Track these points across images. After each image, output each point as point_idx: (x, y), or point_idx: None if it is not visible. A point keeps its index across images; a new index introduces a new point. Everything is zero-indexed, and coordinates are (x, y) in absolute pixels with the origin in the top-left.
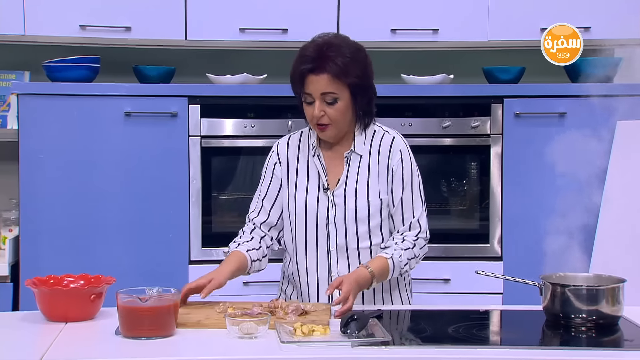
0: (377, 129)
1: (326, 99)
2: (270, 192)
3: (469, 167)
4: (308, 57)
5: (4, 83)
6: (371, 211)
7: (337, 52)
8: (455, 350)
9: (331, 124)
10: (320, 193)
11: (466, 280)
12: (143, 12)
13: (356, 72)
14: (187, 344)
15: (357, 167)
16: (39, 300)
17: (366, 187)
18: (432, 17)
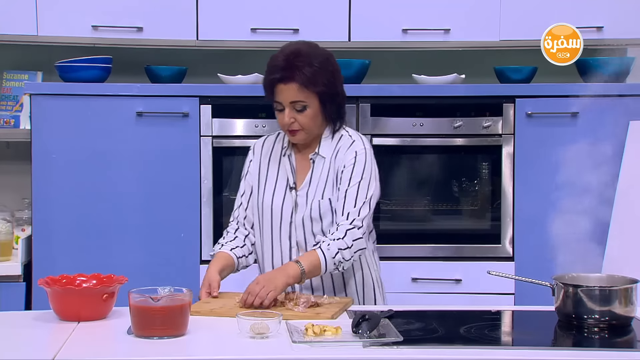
0: (343, 134)
1: (295, 106)
2: (246, 188)
3: (481, 167)
4: (277, 67)
5: (17, 83)
6: (322, 210)
7: (305, 61)
8: (467, 351)
9: (302, 129)
10: (287, 192)
11: (478, 281)
12: (155, 13)
13: (324, 80)
14: (198, 344)
15: (320, 169)
16: (51, 299)
17: (323, 188)
18: (443, 16)
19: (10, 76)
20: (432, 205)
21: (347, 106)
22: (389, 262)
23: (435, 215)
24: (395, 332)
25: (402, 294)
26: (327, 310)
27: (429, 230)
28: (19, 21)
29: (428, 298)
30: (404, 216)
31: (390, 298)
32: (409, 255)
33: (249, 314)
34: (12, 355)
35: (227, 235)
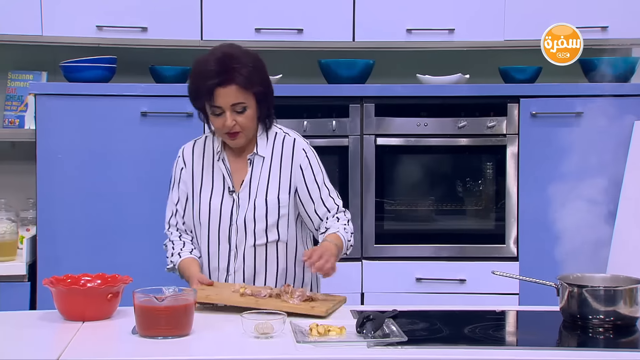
0: (277, 131)
1: (236, 108)
2: (181, 197)
3: (485, 167)
4: (213, 71)
5: (22, 83)
6: (269, 209)
7: (240, 63)
8: (471, 351)
9: (241, 131)
10: (225, 195)
11: (482, 281)
12: (159, 13)
13: (259, 80)
14: (203, 344)
15: (259, 169)
16: (56, 299)
17: (266, 187)
18: (447, 16)
19: (15, 76)
20: (436, 205)
21: (351, 106)
22: (393, 262)
23: (440, 215)
24: (399, 332)
25: (406, 294)
26: (322, 305)
27: (433, 230)
28: (23, 21)
29: (432, 298)
30: (408, 216)
31: (394, 298)
32: (413, 255)
33: (252, 315)
34: (17, 355)
35: (175, 244)
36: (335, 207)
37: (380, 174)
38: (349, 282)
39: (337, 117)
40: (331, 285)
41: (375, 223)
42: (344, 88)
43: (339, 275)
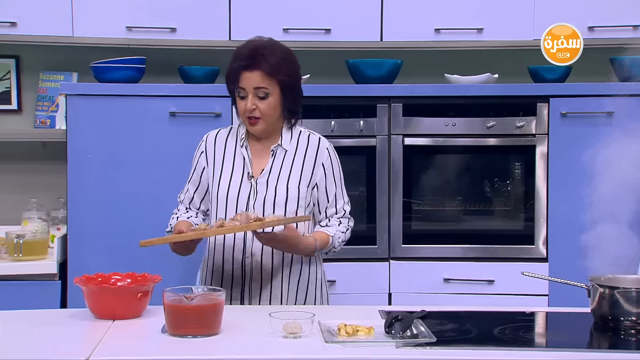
0: (302, 130)
1: (258, 93)
2: (194, 177)
3: (513, 167)
4: (243, 55)
5: (53, 84)
6: (289, 197)
7: (270, 52)
8: (501, 352)
9: (261, 118)
10: (244, 180)
11: (511, 282)
12: (188, 14)
13: (286, 71)
14: (232, 343)
15: (281, 160)
16: (87, 297)
17: (287, 177)
18: (476, 16)
19: (47, 77)
20: (464, 206)
21: (379, 106)
22: (421, 262)
23: (467, 216)
24: (428, 333)
25: (434, 295)
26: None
27: (461, 230)
28: (54, 23)
29: (460, 299)
30: (436, 216)
31: (422, 298)
32: (440, 256)
33: (281, 314)
34: (49, 353)
35: (179, 213)
36: (342, 212)
37: (407, 174)
38: (377, 282)
39: (365, 117)
40: (358, 284)
41: (402, 223)
42: (371, 88)
43: (366, 275)
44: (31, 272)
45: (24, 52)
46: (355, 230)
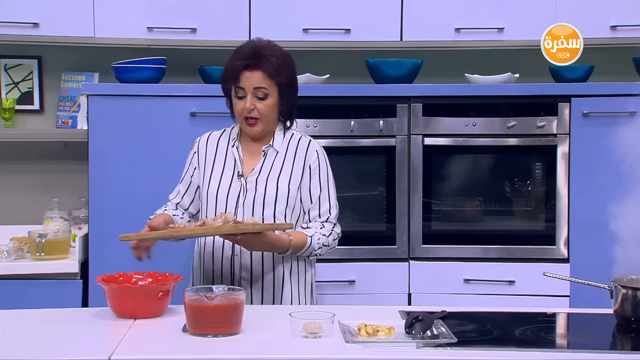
0: (294, 133)
1: (257, 93)
2: (185, 177)
3: (534, 167)
4: (244, 54)
5: (75, 84)
6: (279, 196)
7: (271, 53)
8: (522, 353)
9: (259, 119)
10: (234, 179)
11: (531, 282)
12: (208, 14)
13: (286, 73)
14: (252, 343)
15: (272, 160)
16: (108, 297)
17: (277, 176)
18: (497, 15)
19: (68, 77)
20: (484, 206)
21: (398, 106)
22: (441, 262)
23: (488, 216)
24: (449, 333)
25: (454, 295)
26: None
27: (481, 231)
28: (76, 23)
29: (480, 299)
30: (456, 216)
31: (442, 299)
32: (460, 256)
33: (301, 314)
34: (71, 352)
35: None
36: (327, 215)
37: (427, 174)
38: (396, 283)
39: (385, 117)
40: (377, 284)
41: (422, 223)
42: (391, 88)
43: (386, 275)
44: (53, 271)
45: (46, 52)
46: (375, 231)
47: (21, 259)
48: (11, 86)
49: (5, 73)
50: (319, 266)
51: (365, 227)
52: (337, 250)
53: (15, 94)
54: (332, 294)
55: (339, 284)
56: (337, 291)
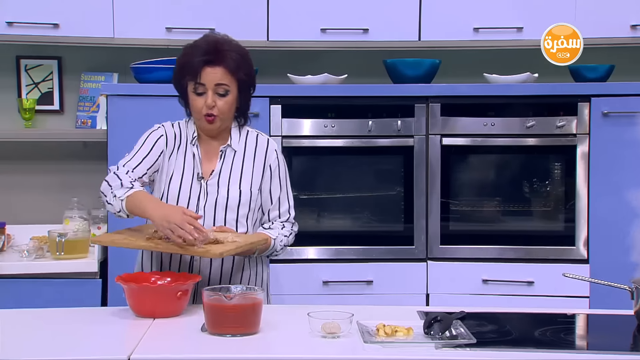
0: (249, 130)
1: (218, 90)
2: (150, 157)
3: (553, 167)
4: (203, 49)
5: (94, 84)
6: (242, 200)
7: (230, 48)
8: (542, 354)
9: (219, 115)
10: (194, 181)
11: (550, 283)
12: (226, 14)
13: (245, 70)
14: (271, 342)
15: (231, 161)
16: (128, 296)
17: (239, 178)
18: (516, 15)
19: (88, 77)
20: (503, 206)
21: (417, 106)
22: (459, 263)
23: (506, 216)
24: (468, 334)
25: (473, 296)
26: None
27: (500, 231)
28: (96, 24)
29: (499, 300)
30: (474, 217)
31: (460, 299)
32: (478, 257)
33: (319, 314)
34: (91, 351)
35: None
36: (287, 215)
37: (445, 174)
38: (414, 283)
39: (403, 117)
40: (395, 284)
41: (440, 224)
42: (409, 88)
43: (404, 276)
44: (72, 271)
45: (65, 53)
46: (393, 231)
47: (41, 258)
48: (31, 86)
49: (26, 73)
50: (336, 265)
51: (383, 227)
52: (354, 250)
53: (35, 94)
54: (350, 294)
55: (356, 284)
56: (355, 291)
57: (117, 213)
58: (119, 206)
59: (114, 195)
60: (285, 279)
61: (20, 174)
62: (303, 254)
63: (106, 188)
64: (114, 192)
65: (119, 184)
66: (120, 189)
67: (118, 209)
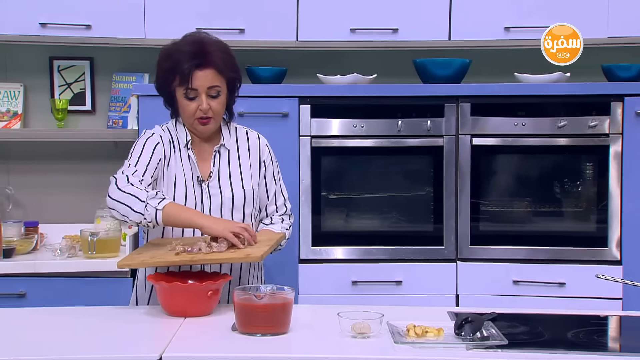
0: (237, 127)
1: (211, 92)
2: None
3: (585, 167)
4: (188, 54)
5: (125, 85)
6: (247, 199)
7: (215, 48)
8: (575, 357)
9: (212, 117)
10: (195, 185)
11: (583, 285)
12: (256, 15)
13: (232, 67)
14: (301, 342)
15: (226, 160)
16: (159, 295)
17: (240, 178)
18: (547, 14)
19: (119, 78)
20: (534, 207)
21: (446, 105)
22: (489, 263)
23: (537, 217)
24: (499, 335)
25: (503, 297)
26: (257, 250)
27: (530, 232)
28: (127, 25)
29: (530, 301)
30: (504, 217)
31: (490, 300)
32: (509, 257)
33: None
34: (122, 350)
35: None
36: (284, 209)
37: (475, 175)
38: (444, 284)
39: (432, 116)
40: (425, 285)
41: (470, 224)
42: (439, 87)
43: (433, 276)
44: (104, 270)
45: (97, 54)
46: (422, 231)
47: (73, 257)
48: (64, 87)
49: (59, 74)
50: (365, 266)
51: (412, 228)
52: (384, 250)
53: (68, 95)
54: (379, 294)
55: (385, 285)
56: (384, 291)
57: (143, 223)
58: (152, 216)
59: (145, 205)
60: (314, 279)
61: (52, 174)
62: (332, 254)
63: (126, 197)
64: (147, 202)
65: (147, 194)
66: (153, 198)
67: (150, 219)
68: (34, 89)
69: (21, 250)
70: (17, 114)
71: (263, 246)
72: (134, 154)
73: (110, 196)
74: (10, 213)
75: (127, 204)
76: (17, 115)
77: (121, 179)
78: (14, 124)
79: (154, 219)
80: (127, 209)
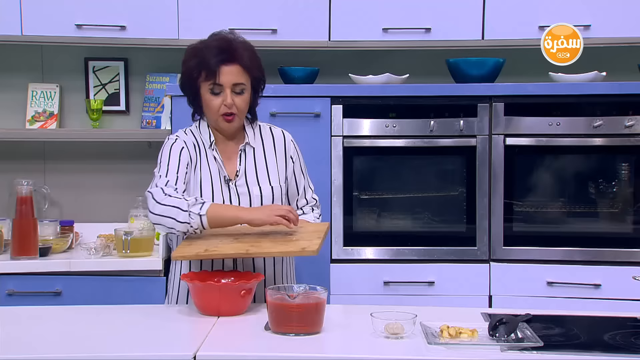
0: (261, 124)
1: (235, 89)
2: (181, 169)
3: (620, 168)
4: (215, 49)
5: (159, 85)
6: (275, 196)
7: (242, 46)
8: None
9: (237, 114)
10: (222, 184)
11: (619, 286)
12: (288, 15)
13: (258, 66)
14: (334, 342)
15: (252, 158)
16: (193, 294)
17: (267, 175)
18: (583, 12)
19: (153, 78)
20: (568, 207)
21: (479, 105)
22: (522, 264)
23: (571, 218)
24: (534, 337)
25: (537, 298)
26: (312, 243)
27: (565, 233)
28: (161, 26)
29: (564, 303)
30: (538, 218)
31: (524, 302)
32: (543, 259)
33: (382, 314)
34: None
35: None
36: (313, 201)
37: (509, 175)
38: (477, 284)
39: (465, 116)
40: (458, 286)
41: (503, 225)
42: (472, 87)
43: (466, 277)
44: (138, 268)
45: (132, 54)
46: (455, 232)
47: (108, 255)
48: (99, 87)
49: (94, 75)
50: (397, 266)
51: (445, 228)
52: (416, 251)
53: (102, 95)
54: (411, 295)
55: (418, 285)
56: (416, 292)
57: (190, 230)
58: (198, 223)
59: (188, 214)
60: (346, 279)
61: (87, 173)
62: (364, 254)
63: (168, 210)
64: (190, 210)
65: (187, 203)
66: (195, 205)
67: (196, 226)
68: (70, 89)
69: (57, 249)
70: (53, 114)
71: (315, 238)
72: (162, 163)
73: (152, 212)
74: (46, 212)
75: (170, 216)
76: (53, 115)
77: (157, 192)
78: (50, 124)
79: (200, 225)
80: (172, 221)
